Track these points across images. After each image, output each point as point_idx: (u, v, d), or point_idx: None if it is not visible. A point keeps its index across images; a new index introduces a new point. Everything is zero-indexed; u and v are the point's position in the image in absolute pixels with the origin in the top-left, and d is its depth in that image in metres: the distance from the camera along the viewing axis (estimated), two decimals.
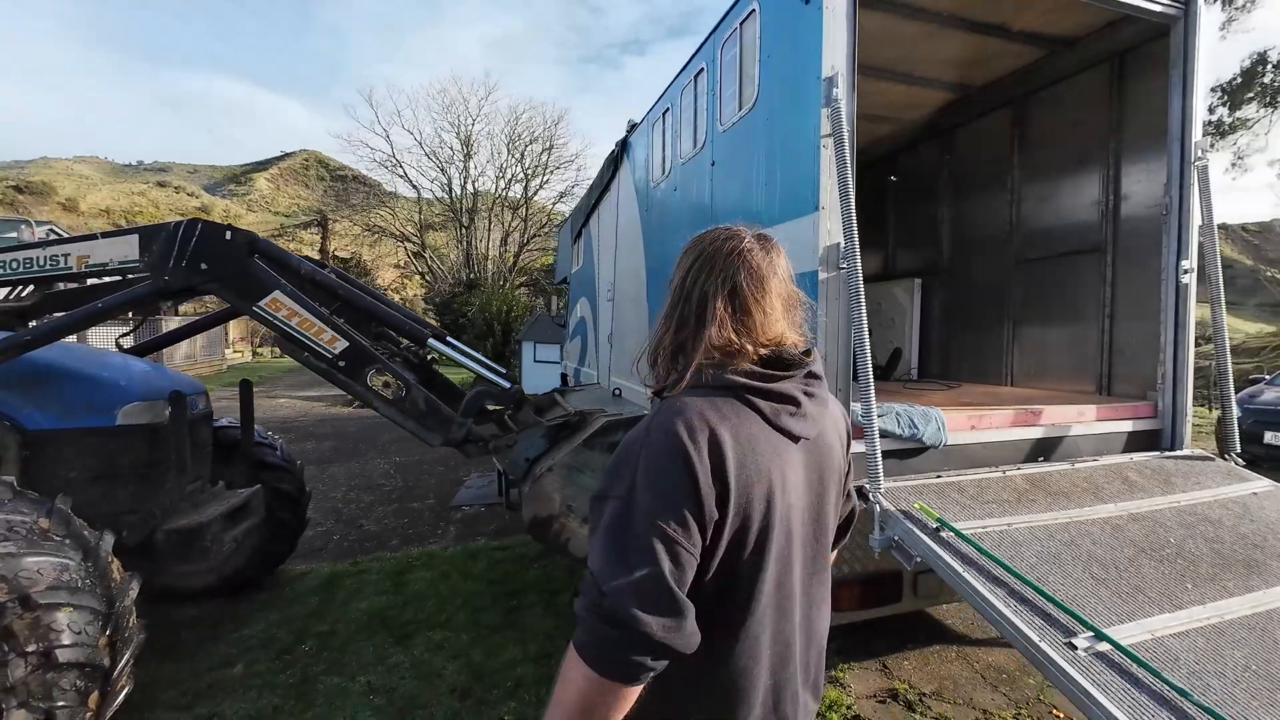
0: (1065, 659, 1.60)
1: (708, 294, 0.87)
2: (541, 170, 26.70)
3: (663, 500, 0.75)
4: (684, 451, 0.76)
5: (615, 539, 0.76)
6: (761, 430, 0.83)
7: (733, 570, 0.81)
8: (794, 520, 0.86)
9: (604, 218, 6.02)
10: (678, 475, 0.75)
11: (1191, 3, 2.94)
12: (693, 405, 0.82)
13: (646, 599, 0.72)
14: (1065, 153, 3.81)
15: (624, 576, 0.73)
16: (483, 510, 5.23)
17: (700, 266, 0.90)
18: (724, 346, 0.85)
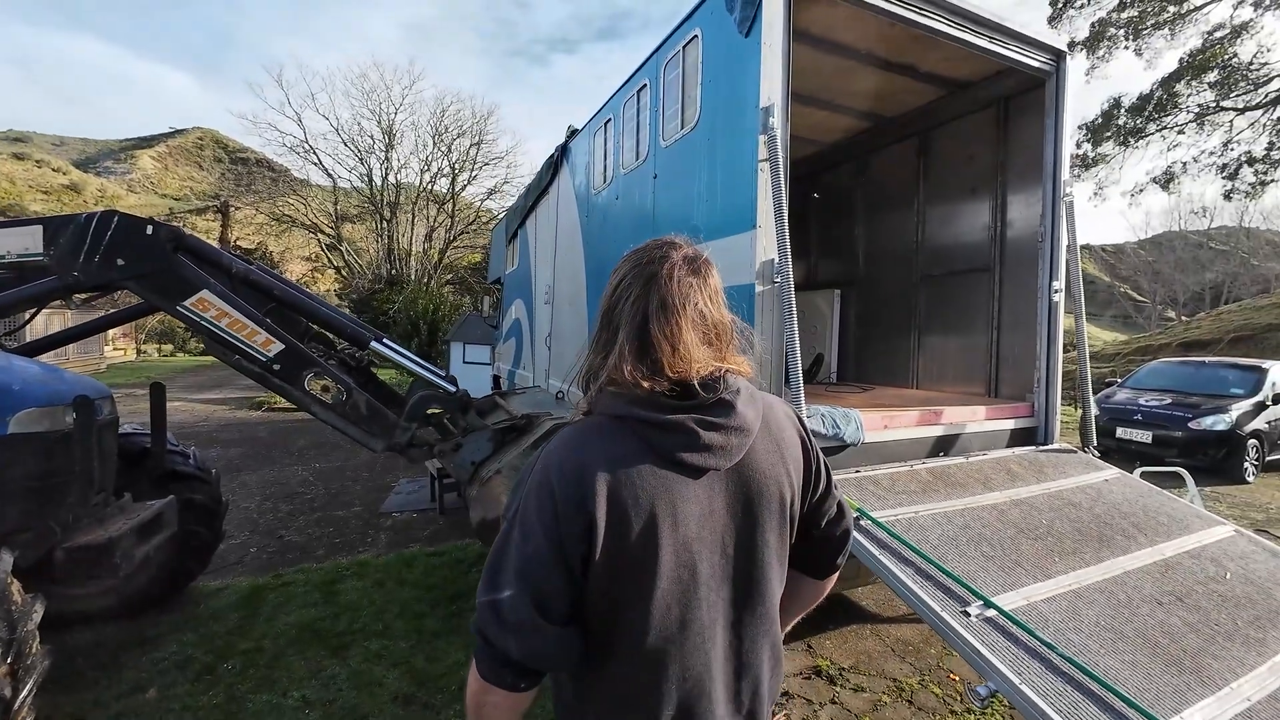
0: (961, 625, 1.88)
1: (620, 323, 0.87)
2: (470, 165, 25.96)
3: (531, 530, 0.81)
4: (550, 485, 0.81)
5: (493, 558, 0.83)
6: (648, 465, 0.83)
7: (617, 600, 0.83)
8: (701, 554, 0.85)
9: (542, 220, 6.04)
10: (546, 509, 0.80)
11: (1062, 61, 3.44)
12: (580, 438, 0.86)
13: (506, 620, 0.79)
14: (961, 182, 4.29)
15: (493, 594, 0.80)
16: (415, 516, 5.10)
17: (621, 291, 0.89)
18: (621, 380, 0.85)
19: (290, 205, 26.92)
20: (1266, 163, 22.44)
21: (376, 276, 24.66)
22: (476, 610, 0.82)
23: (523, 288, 7.02)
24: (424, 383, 3.03)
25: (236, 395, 13.16)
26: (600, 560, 0.81)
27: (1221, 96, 22.25)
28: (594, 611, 0.84)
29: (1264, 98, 21.91)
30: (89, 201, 48.12)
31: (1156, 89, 22.69)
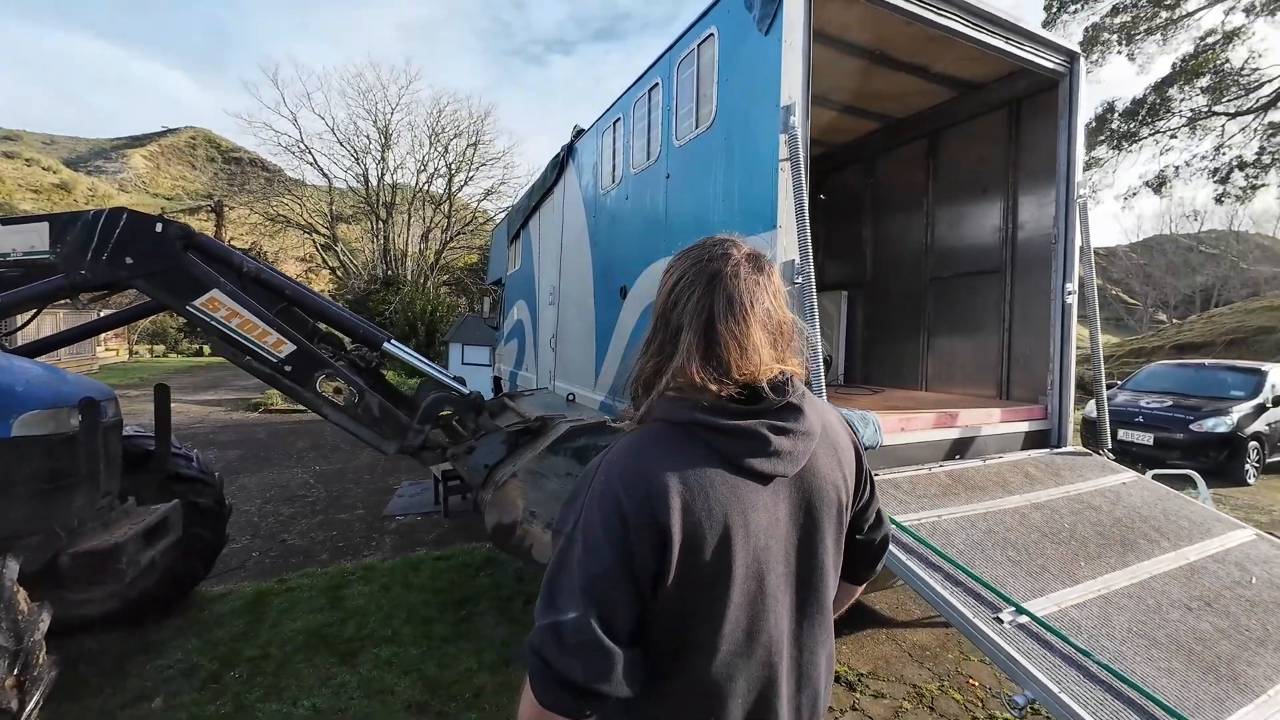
0: (995, 631, 1.84)
1: (684, 322, 0.83)
2: (466, 165, 25.88)
3: (597, 549, 0.75)
4: (617, 497, 0.76)
5: (553, 577, 0.77)
6: (718, 472, 0.80)
7: (686, 616, 0.79)
8: (769, 564, 0.83)
9: (546, 220, 5.99)
10: (613, 523, 0.75)
11: (1076, 62, 3.43)
12: (641, 446, 0.82)
13: (570, 644, 0.73)
14: (972, 183, 4.28)
15: (552, 617, 0.74)
16: (419, 519, 5.03)
17: (681, 290, 0.85)
18: (688, 383, 0.81)
19: (285, 205, 26.75)
20: (1257, 167, 22.60)
21: (372, 277, 24.53)
22: (535, 632, 0.76)
23: (525, 289, 6.97)
24: (435, 384, 2.98)
25: (232, 396, 13.04)
26: (673, 576, 0.76)
27: (1213, 101, 22.42)
28: (660, 629, 0.79)
29: (1255, 103, 22.11)
30: (79, 201, 47.67)
31: (1150, 93, 22.86)
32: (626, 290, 4.02)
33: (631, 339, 3.96)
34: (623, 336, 4.09)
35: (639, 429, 0.86)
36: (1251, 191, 23.47)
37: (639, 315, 3.84)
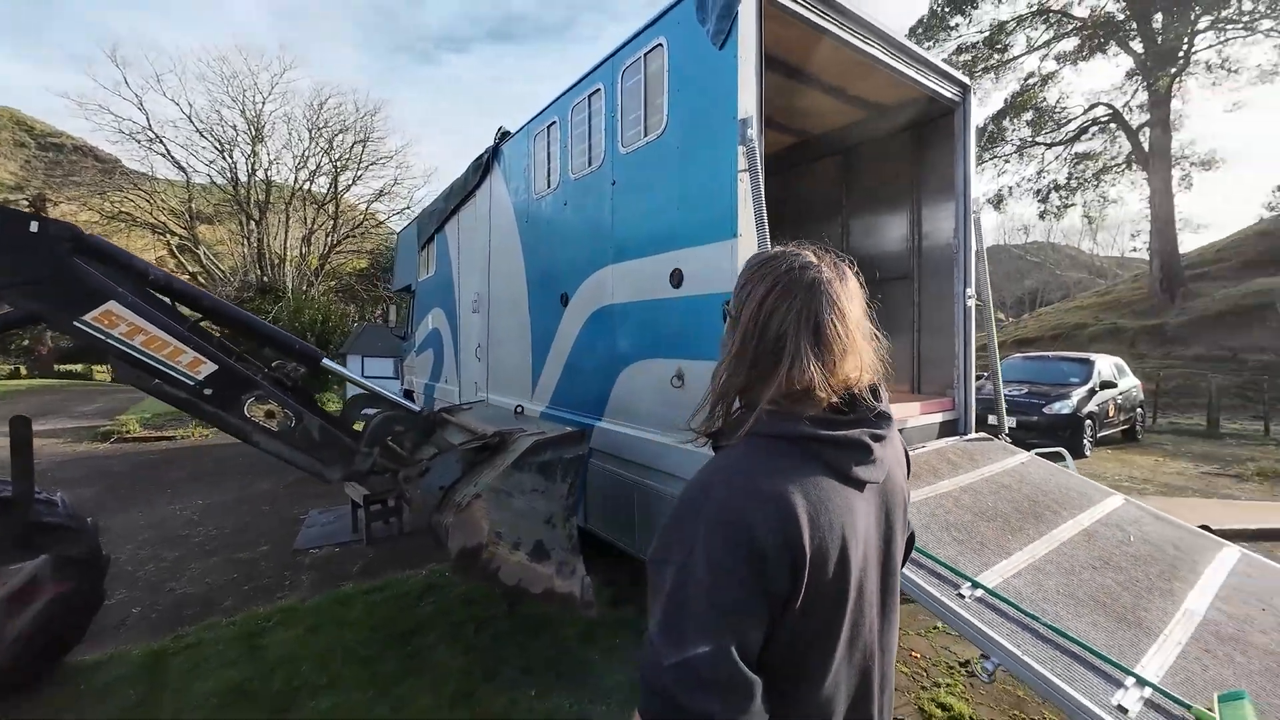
0: (959, 606, 2.03)
1: (787, 329, 0.82)
2: (354, 164, 24.02)
3: (727, 576, 0.71)
4: (749, 521, 0.73)
5: (676, 612, 0.72)
6: (830, 484, 0.79)
7: (806, 634, 0.78)
8: (867, 572, 0.84)
9: (468, 225, 5.72)
10: (744, 548, 0.72)
11: (967, 93, 3.88)
12: (757, 463, 0.79)
13: (709, 679, 0.69)
14: (881, 197, 4.69)
15: (685, 652, 0.70)
16: (337, 550, 4.57)
17: (777, 297, 0.84)
18: (804, 388, 0.81)
19: (128, 201, 23.18)
20: (1067, 189, 27.00)
21: (244, 284, 21.98)
22: (659, 673, 0.71)
23: (442, 296, 6.60)
24: (374, 401, 2.72)
25: (73, 425, 11.06)
26: (802, 597, 0.76)
27: (1035, 133, 26.38)
28: (778, 651, 0.77)
29: (1065, 135, 26.33)
30: None
31: (989, 123, 26.36)
32: (568, 298, 3.94)
33: (574, 348, 3.89)
34: (564, 345, 4.01)
35: (742, 445, 0.84)
36: (1064, 209, 27.92)
37: (583, 323, 3.79)
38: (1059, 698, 1.72)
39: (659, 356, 3.09)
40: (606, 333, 3.53)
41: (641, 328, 3.21)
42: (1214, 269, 25.29)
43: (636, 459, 3.23)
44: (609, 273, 3.48)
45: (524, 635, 3.19)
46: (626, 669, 2.89)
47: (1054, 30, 24.48)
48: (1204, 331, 20.27)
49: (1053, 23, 24.46)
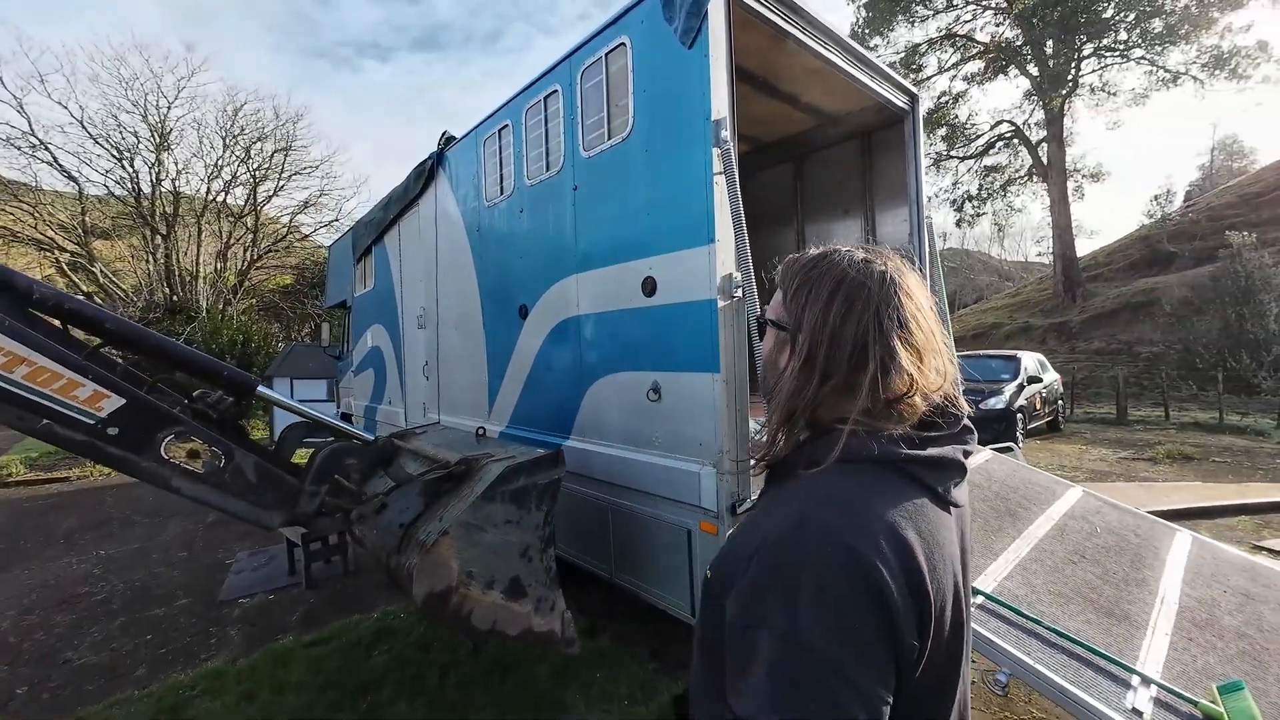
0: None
1: (868, 332, 0.71)
2: (275, 174, 22.50)
3: (850, 638, 0.59)
4: (869, 568, 0.60)
5: (787, 690, 0.58)
6: (936, 514, 0.69)
7: (925, 704, 0.68)
8: (965, 601, 0.74)
9: (410, 236, 5.37)
10: (866, 602, 0.60)
11: (916, 102, 3.99)
12: (858, 494, 0.67)
13: None
14: (834, 203, 4.76)
15: None
16: (271, 598, 4.09)
17: (847, 297, 0.73)
18: (894, 398, 0.71)
19: (5, 214, 20.64)
20: (979, 199, 29.16)
21: (150, 304, 20.03)
22: None
23: (383, 312, 6.17)
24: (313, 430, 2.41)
25: None
26: (929, 648, 0.63)
27: (949, 147, 28.34)
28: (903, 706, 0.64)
29: (975, 150, 28.44)
30: None
31: None
32: (527, 310, 3.72)
33: (536, 362, 3.67)
34: (524, 360, 3.78)
35: (832, 474, 0.69)
36: (977, 218, 30.10)
37: (544, 336, 3.58)
38: (1076, 706, 1.68)
39: (632, 369, 2.93)
40: (572, 346, 3.34)
41: (612, 339, 3.05)
42: (1105, 271, 27.91)
43: (610, 478, 3.05)
44: (573, 282, 3.30)
45: (492, 679, 2.92)
46: (609, 705, 2.68)
47: (961, 54, 26.48)
48: (1101, 327, 22.26)
49: (960, 46, 26.45)
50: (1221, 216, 25.07)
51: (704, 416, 2.57)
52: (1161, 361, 16.74)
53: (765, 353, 0.87)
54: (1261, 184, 27.93)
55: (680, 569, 2.67)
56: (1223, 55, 20.46)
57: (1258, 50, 20.12)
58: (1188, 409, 12.93)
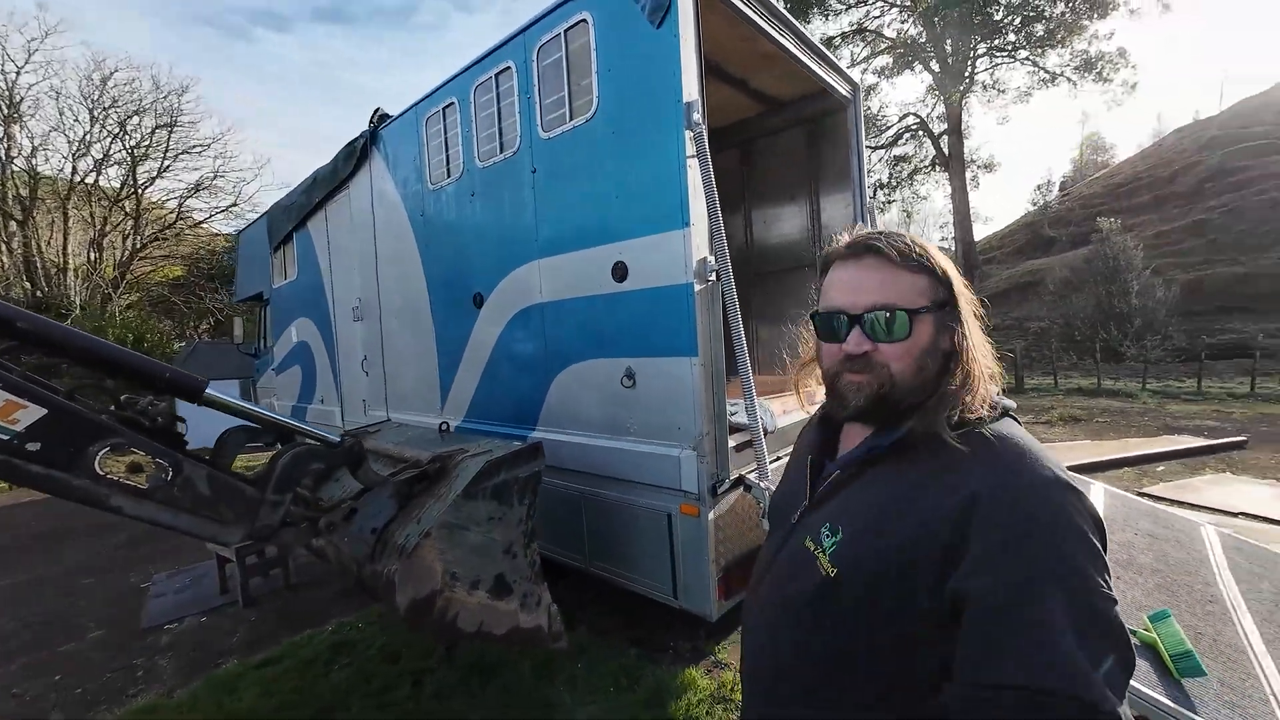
0: None
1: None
2: (158, 152, 20.08)
3: (1104, 570, 0.65)
4: (1093, 508, 0.69)
5: (1096, 638, 0.61)
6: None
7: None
8: None
9: (341, 221, 4.98)
10: (1102, 539, 0.67)
11: (858, 92, 4.16)
12: (1042, 451, 0.75)
13: (1122, 688, 0.61)
14: (781, 189, 4.89)
15: (1103, 666, 0.60)
16: (203, 621, 3.72)
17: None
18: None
19: None
20: (890, 187, 31.05)
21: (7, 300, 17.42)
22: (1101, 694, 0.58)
23: (310, 303, 5.71)
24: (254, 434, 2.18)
25: None
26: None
27: (864, 137, 29.85)
28: None
29: (885, 140, 30.16)
30: None
31: None
32: (483, 298, 3.56)
33: (494, 352, 3.54)
34: (481, 351, 3.63)
35: (1012, 430, 0.78)
36: (888, 205, 32.03)
37: (504, 325, 3.45)
38: None
39: (603, 356, 2.89)
40: (535, 334, 3.24)
41: (580, 326, 2.98)
42: (998, 254, 30.66)
43: (584, 468, 3.01)
44: (535, 268, 3.19)
45: (472, 683, 2.82)
46: (596, 695, 2.67)
47: (871, 48, 27.88)
48: (997, 305, 24.39)
49: (870, 41, 27.84)
50: (1091, 204, 28.17)
51: (683, 401, 2.58)
52: (1048, 335, 18.68)
53: (923, 345, 0.81)
54: (1121, 175, 31.64)
55: (661, 553, 2.69)
56: (1091, 59, 22.82)
57: (1118, 56, 22.61)
58: (1071, 377, 14.53)
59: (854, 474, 0.86)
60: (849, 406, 0.84)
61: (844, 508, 0.84)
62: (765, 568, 0.96)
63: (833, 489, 0.88)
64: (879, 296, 0.81)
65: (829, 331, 0.86)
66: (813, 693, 0.79)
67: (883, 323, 0.80)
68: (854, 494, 0.85)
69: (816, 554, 0.82)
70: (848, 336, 0.82)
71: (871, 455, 0.84)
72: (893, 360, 0.80)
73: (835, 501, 0.87)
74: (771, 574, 0.92)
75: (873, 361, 0.81)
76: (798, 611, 0.82)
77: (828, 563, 0.80)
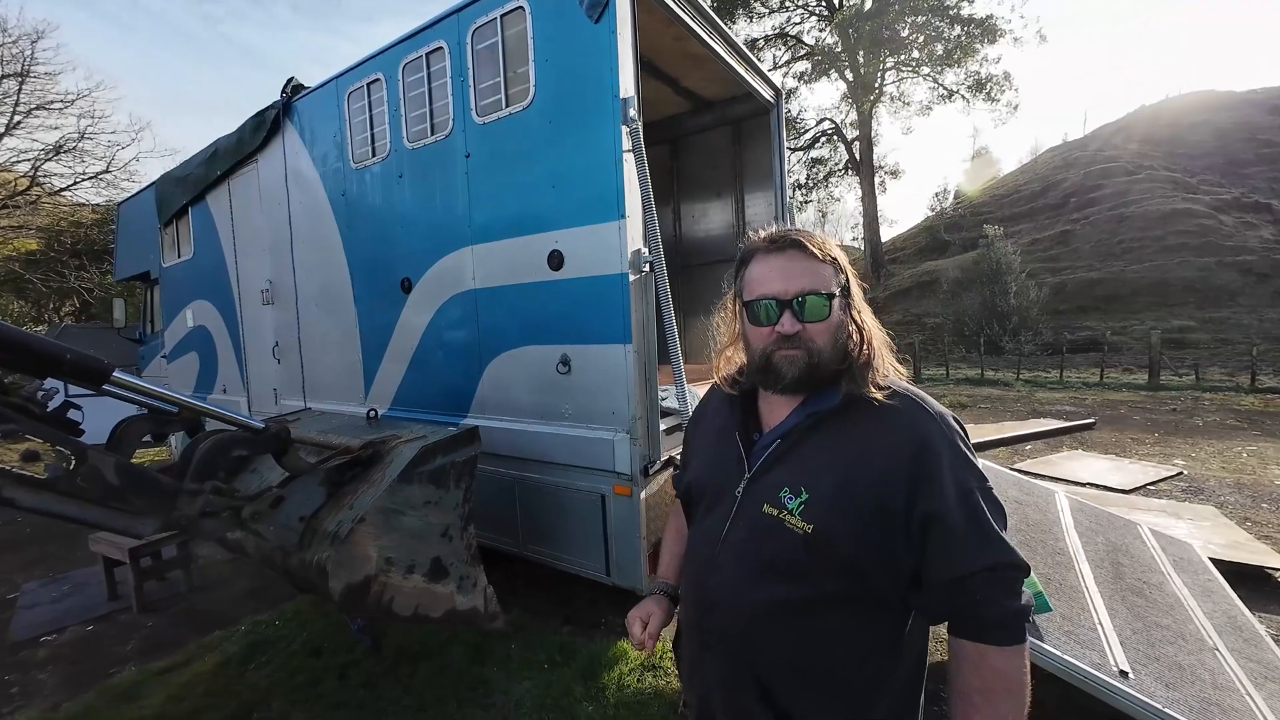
0: None
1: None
2: (7, 107, 17.35)
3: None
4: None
5: (998, 513, 0.89)
6: None
7: None
8: None
9: (248, 196, 4.63)
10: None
11: (780, 96, 4.41)
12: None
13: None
14: (708, 186, 5.10)
15: (1007, 534, 0.88)
16: (90, 629, 3.40)
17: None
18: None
19: None
20: (806, 188, 32.67)
21: None
22: (1014, 583, 0.87)
23: (209, 285, 5.27)
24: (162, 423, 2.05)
25: None
26: None
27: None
28: None
29: (804, 142, 31.65)
30: None
31: None
32: (411, 284, 3.48)
33: (424, 340, 3.47)
34: (409, 338, 3.55)
35: (908, 386, 1.00)
36: (804, 204, 33.67)
37: (434, 311, 3.39)
38: None
39: (539, 343, 2.93)
40: (468, 321, 3.22)
41: (516, 313, 3.00)
42: (902, 255, 33.14)
43: (517, 453, 3.05)
44: (468, 254, 3.16)
45: (402, 670, 2.80)
46: (530, 672, 2.74)
47: (792, 53, 29.13)
48: (899, 302, 26.53)
49: (790, 46, 29.07)
50: (980, 212, 31.10)
51: (616, 386, 2.68)
52: (942, 330, 20.54)
53: (836, 323, 0.96)
54: (1005, 187, 35.18)
55: (595, 532, 2.79)
56: (981, 80, 25.16)
57: (1004, 79, 25.09)
58: (960, 368, 16.10)
59: (798, 440, 0.96)
60: (785, 379, 0.95)
61: (802, 470, 0.94)
62: (713, 544, 1.00)
63: (778, 457, 0.97)
64: (805, 283, 0.94)
65: (760, 316, 0.96)
66: (794, 638, 0.91)
67: (810, 305, 0.93)
68: (808, 456, 0.95)
69: (783, 516, 0.91)
70: (780, 319, 0.94)
71: (812, 420, 0.96)
72: (818, 337, 0.94)
73: (785, 467, 0.95)
74: (727, 547, 0.98)
75: (802, 339, 0.93)
76: (780, 571, 0.91)
77: (801, 521, 0.90)
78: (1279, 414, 8.43)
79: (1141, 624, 2.32)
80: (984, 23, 23.68)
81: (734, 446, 1.04)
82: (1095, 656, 2.00)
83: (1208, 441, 6.94)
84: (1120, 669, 1.95)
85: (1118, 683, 1.88)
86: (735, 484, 1.00)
